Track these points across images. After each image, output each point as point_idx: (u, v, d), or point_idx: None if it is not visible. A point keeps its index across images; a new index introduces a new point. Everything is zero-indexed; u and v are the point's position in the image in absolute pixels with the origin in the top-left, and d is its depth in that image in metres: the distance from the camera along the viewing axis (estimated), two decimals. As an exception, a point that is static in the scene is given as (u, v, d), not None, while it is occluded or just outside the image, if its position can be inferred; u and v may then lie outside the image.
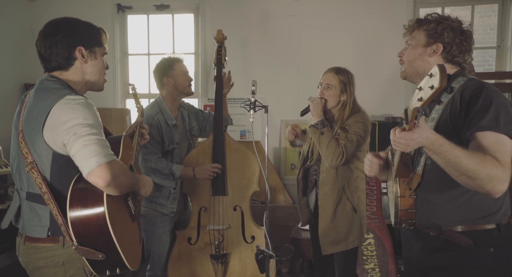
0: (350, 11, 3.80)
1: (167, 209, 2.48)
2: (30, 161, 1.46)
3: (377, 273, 3.12)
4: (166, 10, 4.08)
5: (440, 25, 1.49)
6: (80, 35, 1.55)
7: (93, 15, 4.01)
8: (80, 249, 1.39)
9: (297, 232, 3.23)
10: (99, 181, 1.34)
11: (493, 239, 1.41)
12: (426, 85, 1.09)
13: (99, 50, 1.60)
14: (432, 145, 1.24)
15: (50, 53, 1.53)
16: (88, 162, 1.34)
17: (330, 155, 2.19)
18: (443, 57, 1.51)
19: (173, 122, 2.51)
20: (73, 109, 1.40)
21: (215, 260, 2.46)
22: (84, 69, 1.57)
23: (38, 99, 1.46)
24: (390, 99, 3.76)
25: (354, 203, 2.29)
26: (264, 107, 2.13)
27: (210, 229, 2.47)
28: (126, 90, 4.22)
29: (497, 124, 1.31)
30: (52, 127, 1.40)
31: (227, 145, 2.55)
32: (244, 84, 3.83)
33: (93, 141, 1.36)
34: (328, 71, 2.38)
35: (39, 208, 1.49)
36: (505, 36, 3.72)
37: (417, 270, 1.59)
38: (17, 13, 3.98)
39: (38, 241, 1.50)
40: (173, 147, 2.51)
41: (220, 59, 2.64)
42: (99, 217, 1.37)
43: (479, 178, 1.25)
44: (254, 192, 2.54)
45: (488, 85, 1.41)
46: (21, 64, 3.96)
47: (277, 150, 3.95)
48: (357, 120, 2.27)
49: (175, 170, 2.41)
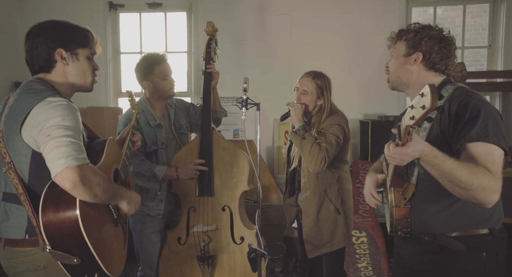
0: (343, 9, 3.81)
1: (154, 211, 2.43)
2: (7, 161, 1.44)
3: (369, 271, 3.13)
4: (159, 8, 4.06)
5: (418, 34, 1.53)
6: (60, 37, 1.53)
7: (85, 13, 3.98)
8: (54, 253, 1.36)
9: (290, 231, 3.22)
10: (65, 183, 1.30)
11: (486, 244, 1.43)
12: (418, 105, 1.10)
13: (82, 52, 1.57)
14: (426, 157, 1.26)
15: (31, 56, 1.52)
16: (56, 164, 1.31)
17: (313, 160, 2.17)
18: (424, 65, 1.53)
19: (156, 123, 2.42)
20: (52, 110, 1.38)
21: (201, 262, 2.41)
22: (67, 71, 1.55)
23: (20, 99, 1.45)
24: (383, 98, 3.78)
25: (337, 204, 2.30)
26: (256, 105, 2.12)
27: (195, 231, 2.42)
28: (119, 89, 4.20)
29: (486, 134, 1.32)
30: (30, 126, 1.39)
31: (215, 143, 2.47)
32: (236, 82, 3.82)
33: (64, 143, 1.33)
34: (305, 76, 2.36)
35: (15, 209, 1.46)
36: (496, 36, 3.75)
37: (409, 271, 1.60)
38: (7, 11, 3.94)
39: (17, 245, 1.47)
40: (156, 148, 2.42)
41: (209, 53, 2.50)
42: (71, 219, 1.33)
43: (472, 189, 1.27)
44: (245, 192, 2.49)
45: (474, 95, 1.43)
46: (11, 62, 3.91)
47: (270, 149, 3.95)
48: (332, 123, 2.26)
49: (158, 172, 2.33)
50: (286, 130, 3.88)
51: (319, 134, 2.25)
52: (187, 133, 2.68)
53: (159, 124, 2.44)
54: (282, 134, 3.91)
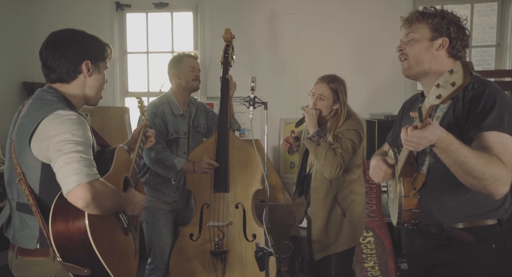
0: (349, 8, 3.79)
1: (170, 198, 2.53)
2: (18, 171, 1.45)
3: (376, 271, 3.11)
4: (165, 8, 4.07)
5: (444, 19, 1.47)
6: (89, 48, 1.55)
7: (92, 13, 4.00)
8: (64, 265, 1.36)
9: (297, 231, 3.22)
10: (77, 201, 1.30)
11: (495, 234, 1.41)
12: (446, 82, 1.05)
13: (103, 65, 1.61)
14: (443, 143, 1.23)
15: (58, 64, 1.50)
16: (68, 181, 1.30)
17: (328, 166, 2.17)
18: (448, 52, 1.47)
19: (180, 113, 2.56)
20: (62, 124, 1.37)
21: (215, 257, 2.46)
22: (86, 83, 1.55)
23: (32, 110, 1.45)
24: (390, 97, 3.76)
25: (344, 207, 2.29)
26: (264, 104, 2.11)
27: (210, 225, 2.48)
28: (125, 89, 4.21)
29: (501, 123, 1.29)
30: (39, 140, 1.39)
31: (230, 143, 2.57)
32: (242, 82, 3.82)
33: (76, 159, 1.32)
34: (320, 82, 2.34)
35: (29, 219, 1.47)
36: (504, 35, 3.72)
37: (420, 268, 1.59)
38: (15, 11, 3.97)
39: (29, 255, 1.48)
40: (177, 136, 2.54)
41: (227, 58, 2.67)
42: (80, 230, 1.33)
43: (484, 179, 1.25)
44: (257, 190, 2.55)
45: (491, 83, 1.39)
46: (19, 63, 3.94)
47: (277, 149, 3.94)
48: (348, 128, 2.25)
49: (177, 163, 2.46)
50: (292, 130, 3.88)
51: (335, 139, 2.23)
52: (203, 133, 2.78)
53: (183, 115, 2.59)
54: (288, 134, 3.90)
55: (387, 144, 1.82)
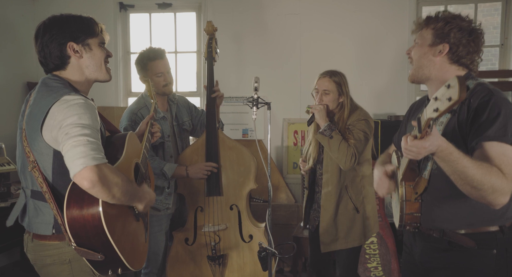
0: (353, 9, 3.79)
1: (163, 205, 2.40)
2: (32, 159, 1.46)
3: (379, 271, 3.11)
4: (168, 8, 4.08)
5: (448, 24, 1.45)
6: (68, 30, 1.50)
7: (96, 13, 3.92)
8: (79, 250, 1.38)
9: (299, 231, 3.22)
10: (83, 182, 1.30)
11: (496, 241, 1.41)
12: (443, 96, 1.05)
13: (93, 41, 1.55)
14: (442, 153, 1.23)
15: (44, 56, 1.51)
16: (74, 164, 1.31)
17: (343, 157, 2.19)
18: (448, 57, 1.46)
19: (161, 115, 2.39)
20: (69, 109, 1.38)
21: (212, 262, 2.41)
22: (82, 64, 1.53)
23: (40, 97, 1.46)
24: (393, 97, 3.75)
25: (357, 203, 2.29)
26: (267, 104, 2.12)
27: (205, 230, 2.41)
28: (129, 89, 4.22)
29: (504, 134, 1.29)
30: (51, 127, 1.40)
31: (220, 143, 2.46)
32: (246, 82, 3.83)
33: (82, 142, 1.33)
34: (322, 77, 2.34)
35: (43, 206, 1.49)
36: (508, 34, 3.70)
37: (418, 269, 1.59)
38: (19, 11, 3.99)
39: (45, 239, 1.50)
40: (162, 141, 2.38)
41: (211, 52, 2.48)
42: (94, 217, 1.35)
43: (483, 189, 1.24)
44: (251, 190, 2.47)
45: (497, 92, 1.38)
46: (23, 62, 3.96)
47: (279, 149, 3.94)
48: (359, 119, 2.27)
49: (167, 171, 2.31)
50: (295, 130, 3.88)
51: (346, 131, 2.26)
52: (189, 130, 2.64)
53: (164, 117, 2.42)
54: (291, 134, 3.90)
55: (393, 145, 1.83)
